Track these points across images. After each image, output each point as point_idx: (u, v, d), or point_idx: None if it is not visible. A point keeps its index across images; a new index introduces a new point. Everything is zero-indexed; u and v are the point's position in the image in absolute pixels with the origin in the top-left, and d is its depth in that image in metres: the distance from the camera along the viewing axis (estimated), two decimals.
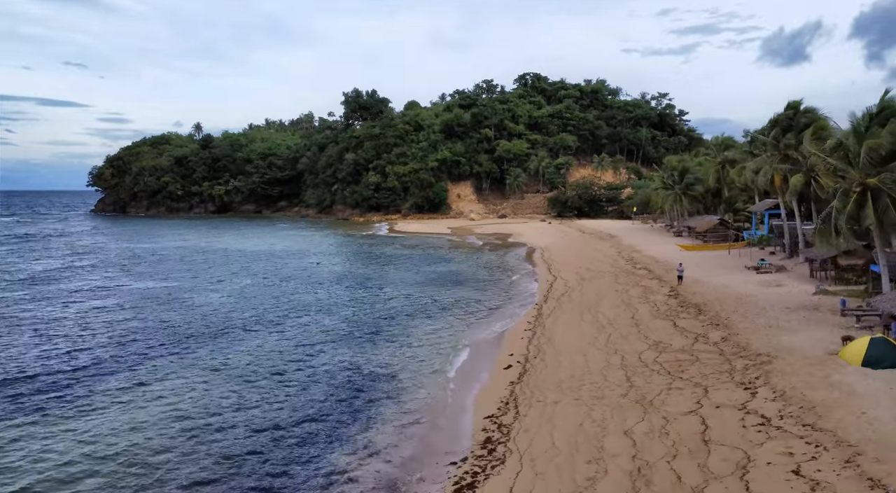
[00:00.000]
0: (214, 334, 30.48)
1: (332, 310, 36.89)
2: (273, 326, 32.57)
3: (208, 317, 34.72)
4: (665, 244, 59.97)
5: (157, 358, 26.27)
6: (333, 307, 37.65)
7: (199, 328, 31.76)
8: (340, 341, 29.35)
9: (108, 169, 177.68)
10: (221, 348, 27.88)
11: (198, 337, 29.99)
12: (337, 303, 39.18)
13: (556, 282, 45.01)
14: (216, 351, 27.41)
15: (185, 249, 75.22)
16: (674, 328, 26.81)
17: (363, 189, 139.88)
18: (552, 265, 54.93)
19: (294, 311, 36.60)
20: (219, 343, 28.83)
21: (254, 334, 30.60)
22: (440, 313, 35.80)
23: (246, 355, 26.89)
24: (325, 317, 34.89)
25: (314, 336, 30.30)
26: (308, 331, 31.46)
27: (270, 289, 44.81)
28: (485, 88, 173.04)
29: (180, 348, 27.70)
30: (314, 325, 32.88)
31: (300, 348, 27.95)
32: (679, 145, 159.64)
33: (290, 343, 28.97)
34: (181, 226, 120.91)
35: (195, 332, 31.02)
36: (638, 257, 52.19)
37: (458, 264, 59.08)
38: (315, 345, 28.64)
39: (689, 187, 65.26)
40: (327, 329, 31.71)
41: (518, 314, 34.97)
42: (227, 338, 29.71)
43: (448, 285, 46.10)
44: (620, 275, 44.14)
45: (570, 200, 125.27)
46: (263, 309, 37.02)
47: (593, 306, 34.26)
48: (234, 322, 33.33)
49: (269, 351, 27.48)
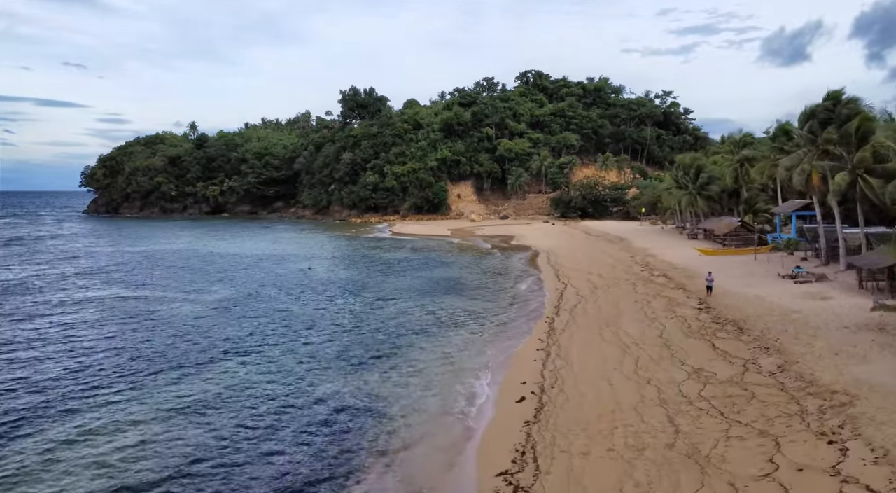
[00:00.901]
0: (179, 359, 26.56)
1: (319, 325, 32.98)
2: (249, 347, 28.65)
3: (177, 337, 30.81)
4: (680, 248, 56.07)
5: (107, 393, 22.34)
6: (321, 322, 33.74)
7: (162, 351, 27.85)
8: (325, 366, 25.41)
9: (101, 169, 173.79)
10: (183, 377, 23.95)
11: (159, 362, 26.09)
12: (325, 317, 35.27)
13: (567, 290, 41.15)
14: (175, 382, 23.48)
15: (170, 253, 71.33)
16: (713, 351, 22.91)
17: (361, 189, 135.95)
18: (560, 271, 51.07)
19: (276, 327, 32.70)
20: (182, 370, 24.90)
21: (225, 358, 26.68)
22: (440, 329, 31.90)
23: (210, 385, 22.96)
24: (310, 335, 30.98)
25: (295, 360, 26.38)
26: (288, 353, 27.56)
27: (254, 300, 40.92)
28: (485, 85, 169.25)
29: (134, 380, 23.70)
30: (296, 345, 28.97)
31: (276, 377, 24.02)
32: (684, 144, 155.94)
33: (265, 369, 25.06)
34: (172, 228, 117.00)
35: (157, 356, 27.12)
36: (654, 263, 48.29)
37: (458, 270, 55.21)
38: (294, 372, 24.72)
39: (703, 187, 61.29)
40: (311, 352, 27.78)
41: (528, 330, 31.09)
42: (193, 364, 25.76)
43: (448, 294, 42.22)
44: (638, 283, 40.24)
45: (574, 200, 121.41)
46: (241, 326, 33.09)
47: (613, 321, 30.38)
48: (203, 343, 29.41)
49: (237, 382, 23.52)
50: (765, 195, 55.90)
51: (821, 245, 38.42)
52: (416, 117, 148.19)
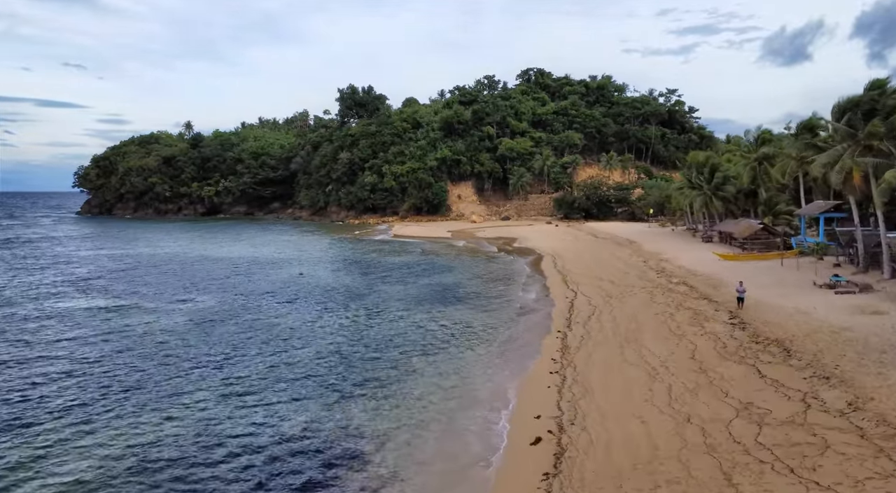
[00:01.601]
0: (140, 388, 23.20)
1: (304, 343, 29.58)
2: (222, 371, 25.25)
3: (144, 358, 27.47)
4: (696, 252, 52.62)
5: (43, 432, 18.99)
6: (307, 339, 30.33)
7: (123, 377, 24.47)
8: (306, 396, 22.02)
9: (94, 169, 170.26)
10: (140, 411, 20.60)
11: (116, 392, 22.75)
12: (313, 332, 31.86)
13: (577, 299, 37.77)
14: (133, 415, 20.14)
15: (156, 257, 67.92)
16: (760, 380, 19.52)
17: (359, 190, 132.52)
18: (568, 277, 47.69)
19: (257, 345, 29.31)
20: (142, 401, 21.54)
21: (193, 386, 23.28)
22: (439, 347, 28.51)
23: (170, 423, 19.60)
24: (294, 356, 27.58)
25: (273, 389, 23.01)
26: (266, 379, 24.18)
27: (237, 312, 37.52)
28: (486, 84, 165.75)
29: (83, 415, 20.38)
30: (277, 369, 25.58)
31: (246, 412, 20.66)
32: (689, 143, 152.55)
33: (236, 402, 21.68)
34: (164, 229, 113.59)
35: (115, 383, 23.76)
36: (670, 268, 44.87)
37: (458, 275, 51.82)
38: (269, 404, 21.36)
39: (719, 188, 57.79)
40: (293, 378, 24.38)
41: (537, 347, 27.71)
42: (155, 394, 22.36)
43: (448, 304, 38.82)
44: (656, 292, 36.82)
45: (578, 201, 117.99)
46: (218, 344, 29.71)
47: (633, 337, 26.99)
48: (173, 366, 26.03)
49: (202, 418, 20.20)
50: (785, 196, 52.44)
51: (858, 250, 34.99)
52: (415, 116, 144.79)
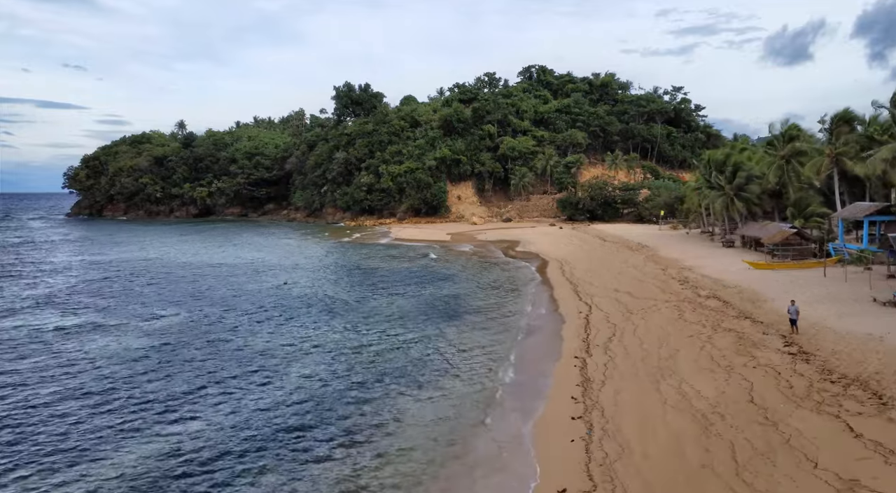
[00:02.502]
0: (78, 433, 18.74)
1: (274, 376, 25.02)
2: (177, 410, 20.76)
3: (89, 394, 23.01)
4: (719, 258, 48.08)
5: None
6: (279, 370, 25.77)
7: (57, 421, 19.99)
8: (273, 448, 17.53)
9: (84, 170, 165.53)
10: (70, 468, 16.08)
11: (45, 440, 18.26)
12: (286, 360, 27.31)
13: (593, 315, 33.28)
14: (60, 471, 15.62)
15: (138, 263, 63.41)
16: (855, 439, 14.97)
17: (355, 191, 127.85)
18: (579, 287, 43.20)
19: (223, 375, 24.84)
20: (76, 453, 17.03)
21: (141, 431, 18.84)
22: (434, 379, 23.97)
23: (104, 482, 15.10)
24: (257, 397, 23.07)
25: (233, 436, 18.50)
26: (226, 422, 19.68)
27: (208, 330, 33.02)
28: (486, 81, 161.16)
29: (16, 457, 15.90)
30: (241, 407, 21.08)
31: (195, 468, 16.15)
32: (696, 142, 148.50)
33: (187, 453, 17.17)
34: (153, 232, 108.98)
35: (47, 429, 19.29)
36: (694, 278, 40.32)
37: (457, 285, 47.30)
38: (226, 456, 16.84)
39: (741, 188, 53.21)
40: (259, 421, 19.92)
41: (550, 378, 23.22)
42: (91, 443, 17.88)
43: (444, 321, 34.30)
44: (683, 307, 32.29)
45: (582, 201, 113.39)
46: (178, 373, 25.24)
47: (669, 368, 22.48)
48: (120, 403, 21.58)
49: (141, 473, 15.69)
50: (819, 197, 47.87)
51: None
52: (413, 114, 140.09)
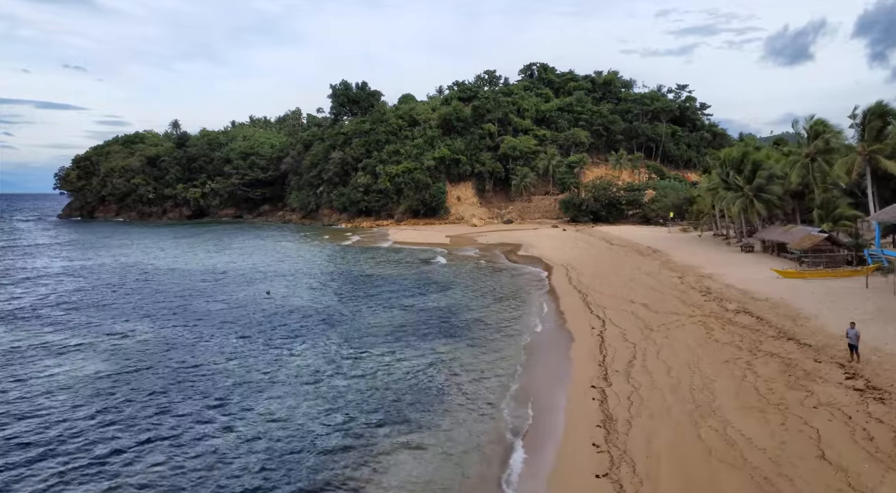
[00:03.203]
0: None
1: (245, 406, 21.42)
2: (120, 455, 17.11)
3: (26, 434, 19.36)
4: (739, 265, 44.35)
5: None
6: (250, 399, 22.16)
7: None
8: None
9: (75, 170, 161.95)
10: None
11: None
12: (258, 390, 23.66)
13: (607, 332, 29.60)
14: None
15: (119, 269, 59.89)
16: None
17: (351, 191, 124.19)
18: (588, 296, 39.52)
19: (172, 417, 21.19)
20: None
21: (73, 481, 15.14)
22: (425, 415, 20.33)
23: None
24: (225, 430, 19.45)
25: None
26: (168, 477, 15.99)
27: (173, 351, 29.43)
28: (486, 79, 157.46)
29: None
30: (187, 458, 17.41)
31: None
32: (702, 142, 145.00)
33: None
34: (142, 234, 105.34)
35: None
36: (717, 289, 36.56)
37: (456, 294, 43.61)
38: None
39: (762, 188, 49.45)
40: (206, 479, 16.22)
41: (561, 412, 19.55)
42: None
43: (439, 339, 30.64)
44: (711, 323, 28.57)
45: (586, 202, 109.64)
46: (129, 405, 21.73)
47: (705, 403, 18.82)
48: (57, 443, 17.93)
49: None
50: (845, 198, 44.07)
51: None
52: (411, 113, 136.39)
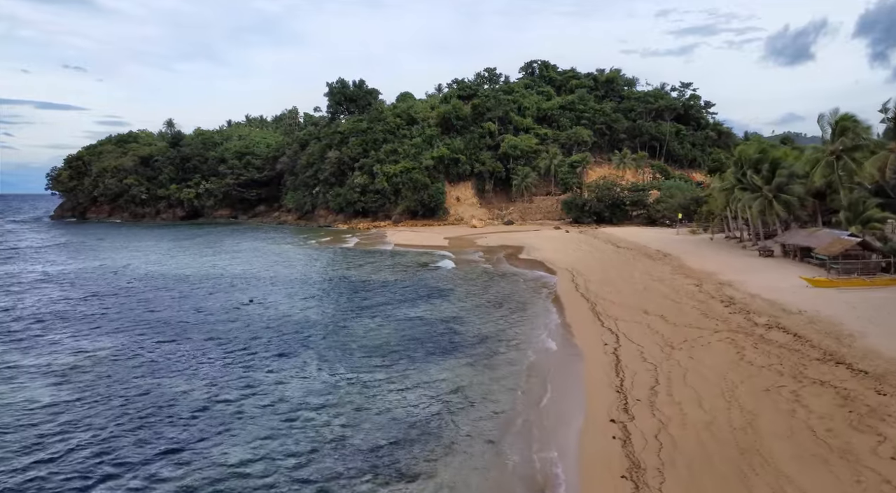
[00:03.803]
0: None
1: (200, 450, 18.05)
2: None
3: None
4: (761, 271, 40.90)
5: None
6: (208, 440, 18.79)
7: None
8: None
9: (66, 171, 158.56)
10: None
11: None
12: (224, 422, 20.31)
13: (623, 349, 26.24)
14: None
15: (97, 274, 56.69)
16: None
17: (348, 192, 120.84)
18: (598, 305, 36.18)
19: (129, 447, 17.82)
20: None
21: None
22: (412, 464, 16.90)
23: None
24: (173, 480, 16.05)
25: None
26: None
27: (133, 372, 26.12)
28: (486, 77, 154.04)
29: None
30: None
31: None
32: (706, 140, 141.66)
33: None
34: (132, 236, 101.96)
35: None
36: (741, 298, 33.11)
37: (453, 303, 40.24)
38: None
39: (781, 188, 46.00)
40: None
41: (573, 456, 16.16)
42: None
43: (435, 357, 27.28)
44: (741, 341, 25.16)
45: (589, 203, 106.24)
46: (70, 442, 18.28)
47: (751, 446, 15.47)
48: None
49: None
50: (873, 199, 40.65)
51: None
52: (410, 111, 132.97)
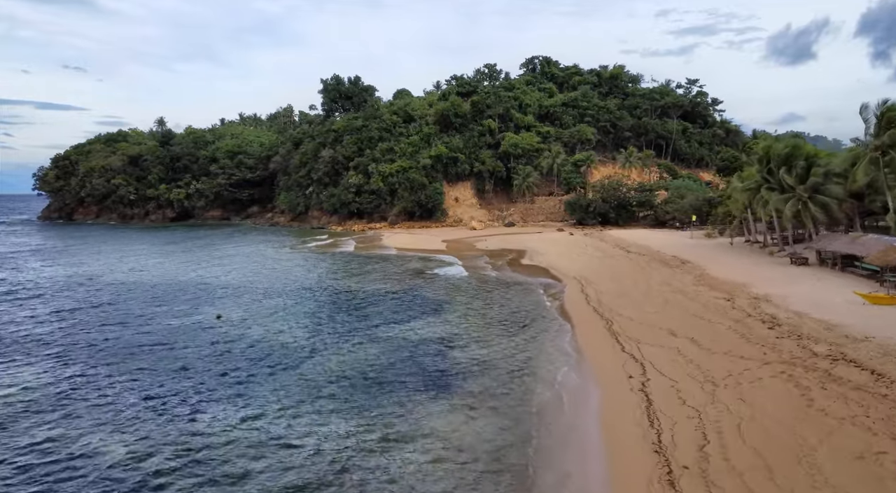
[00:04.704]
0: None
1: None
2: None
3: None
4: (800, 282, 36.13)
5: None
6: None
7: None
8: None
9: (53, 170, 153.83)
10: None
11: None
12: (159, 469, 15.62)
13: (654, 385, 21.58)
14: None
15: (60, 284, 52.14)
16: None
17: (342, 192, 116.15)
18: (614, 323, 31.57)
19: None
20: None
21: None
22: None
23: None
24: None
25: None
26: None
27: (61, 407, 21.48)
28: (486, 73, 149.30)
29: None
30: None
31: None
32: (714, 139, 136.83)
33: None
34: (114, 238, 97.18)
35: None
36: (788, 320, 28.33)
37: (448, 321, 35.58)
38: None
39: (818, 189, 41.32)
40: None
41: None
42: None
43: (425, 393, 22.62)
44: (801, 378, 20.47)
45: (594, 204, 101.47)
46: None
47: None
48: None
49: None
50: None
51: None
52: (407, 109, 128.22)
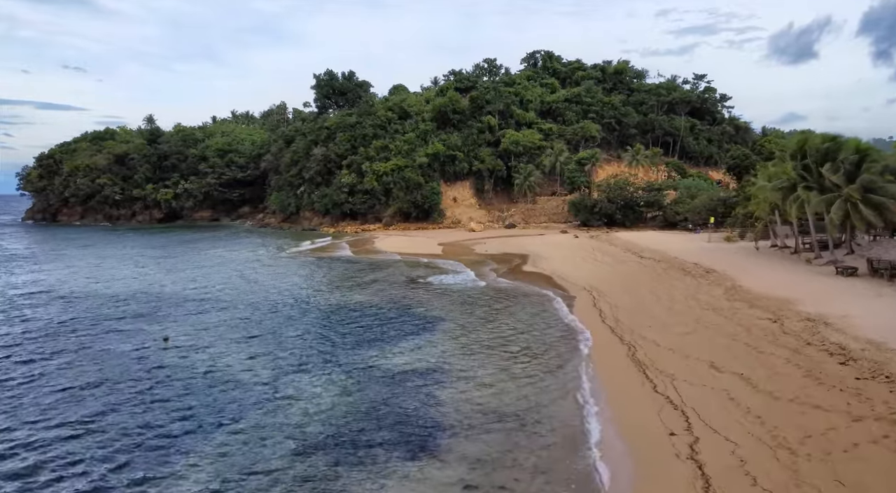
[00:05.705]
0: None
1: None
2: None
3: None
4: (857, 298, 30.50)
5: None
6: None
7: None
8: None
9: (37, 170, 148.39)
10: None
11: None
12: None
13: (704, 445, 16.27)
14: None
15: (21, 293, 46.78)
16: None
17: (335, 192, 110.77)
18: (637, 350, 26.23)
19: None
20: None
21: None
22: None
23: None
24: None
25: None
26: None
27: None
28: (486, 68, 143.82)
29: None
30: None
31: None
32: (723, 136, 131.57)
33: None
34: (92, 240, 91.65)
35: None
36: (864, 352, 22.81)
37: (442, 344, 30.19)
38: None
39: (869, 188, 35.83)
40: None
41: None
42: None
43: (396, 471, 17.22)
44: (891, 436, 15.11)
45: (599, 204, 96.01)
46: None
47: None
48: None
49: None
50: None
51: None
52: (402, 105, 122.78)
